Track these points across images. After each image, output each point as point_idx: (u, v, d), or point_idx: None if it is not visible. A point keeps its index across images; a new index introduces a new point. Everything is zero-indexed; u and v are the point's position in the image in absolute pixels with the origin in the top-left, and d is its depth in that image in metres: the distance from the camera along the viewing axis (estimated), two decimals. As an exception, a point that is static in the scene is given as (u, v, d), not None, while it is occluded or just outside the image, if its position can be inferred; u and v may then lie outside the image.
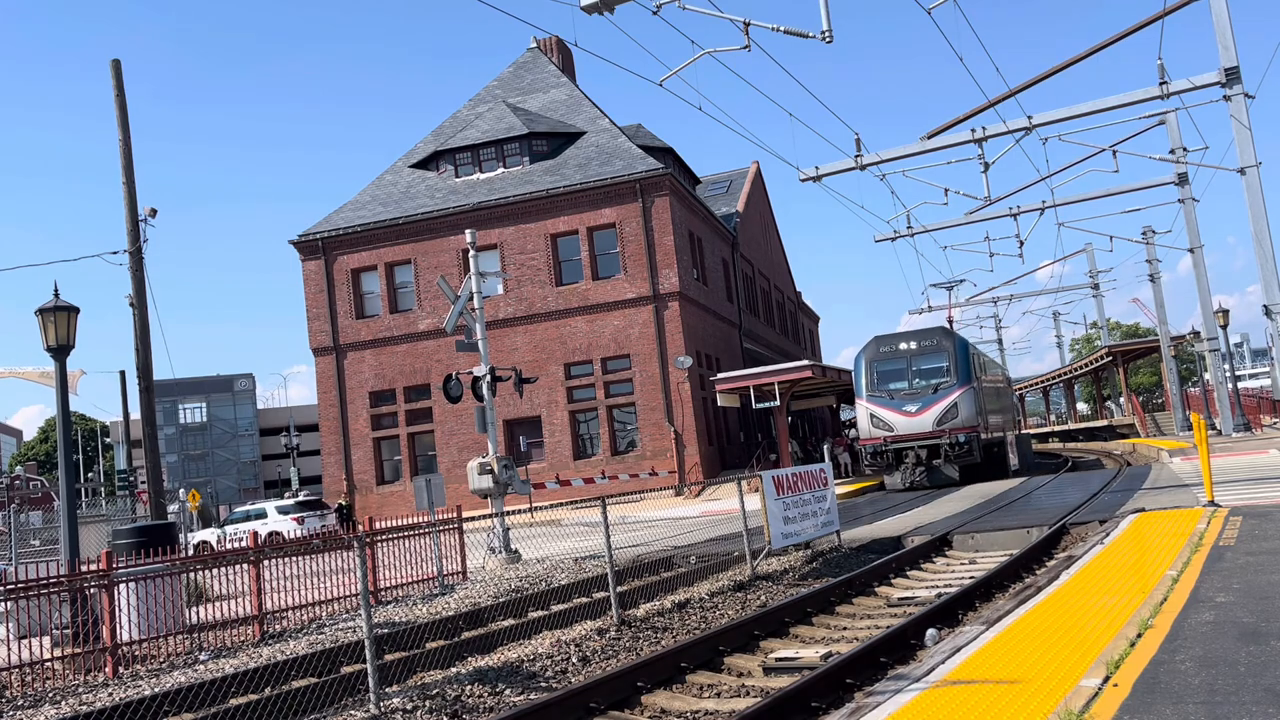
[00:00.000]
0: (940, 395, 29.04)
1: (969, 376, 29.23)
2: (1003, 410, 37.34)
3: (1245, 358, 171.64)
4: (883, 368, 30.11)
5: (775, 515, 14.82)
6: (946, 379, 29.16)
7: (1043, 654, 6.67)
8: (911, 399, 29.22)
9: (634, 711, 8.25)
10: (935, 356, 29.60)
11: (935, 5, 18.90)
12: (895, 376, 29.87)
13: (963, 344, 30.34)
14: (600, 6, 14.21)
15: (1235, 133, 25.56)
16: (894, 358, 30.09)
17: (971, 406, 28.99)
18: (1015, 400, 46.24)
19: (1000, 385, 38.47)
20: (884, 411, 29.51)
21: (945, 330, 31.54)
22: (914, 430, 28.96)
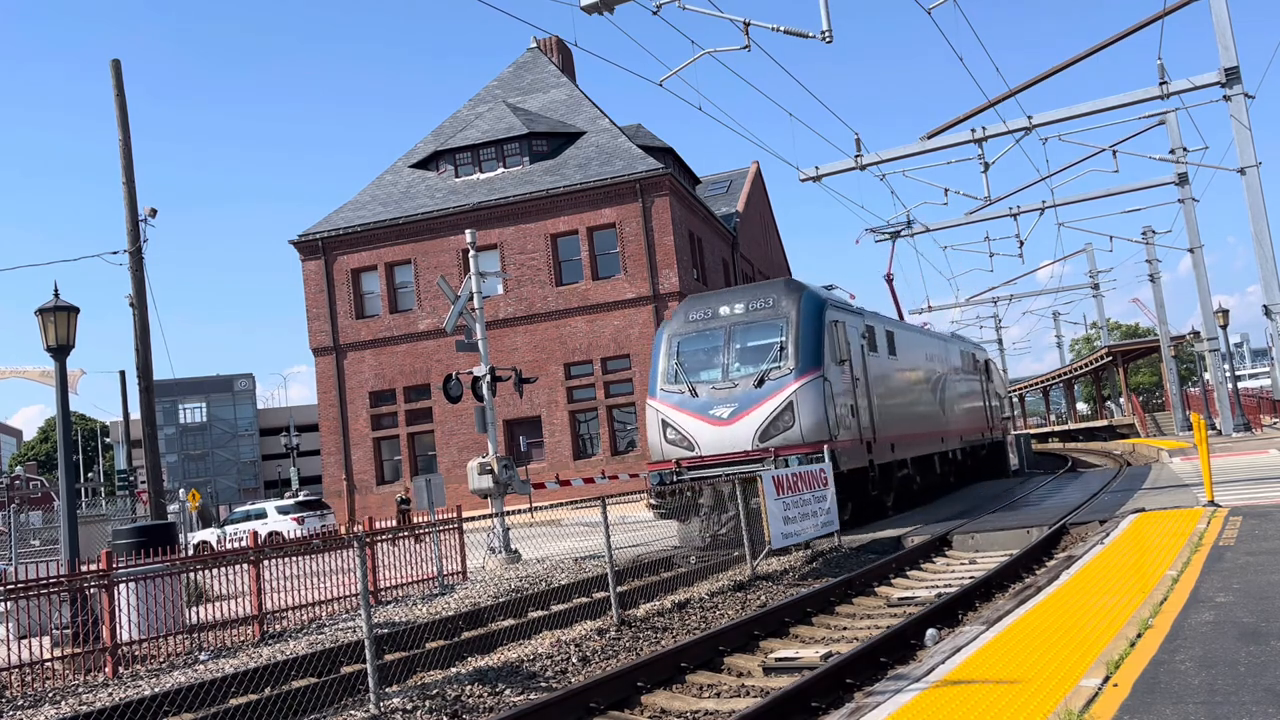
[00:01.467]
0: (767, 390, 18.12)
1: (818, 358, 18.38)
2: (947, 407, 27.49)
3: (1245, 358, 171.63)
4: (691, 346, 19.34)
5: (775, 515, 14.82)
6: (778, 365, 18.30)
7: (1043, 654, 6.67)
8: (725, 397, 18.46)
9: (634, 711, 8.25)
10: (766, 327, 18.87)
11: (935, 5, 18.90)
12: (707, 360, 19.08)
13: (813, 304, 19.07)
14: (600, 6, 14.21)
15: (1235, 133, 25.55)
16: (708, 330, 19.31)
17: (820, 407, 17.97)
18: (993, 394, 35.24)
19: (952, 373, 29.01)
20: (683, 417, 18.54)
21: (789, 285, 19.75)
22: (723, 448, 18.13)
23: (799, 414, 17.84)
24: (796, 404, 17.87)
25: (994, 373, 37.69)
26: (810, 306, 19.03)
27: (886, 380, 22.29)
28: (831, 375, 18.68)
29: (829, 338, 18.83)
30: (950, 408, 28.00)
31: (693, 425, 18.50)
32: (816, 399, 18.03)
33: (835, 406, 18.46)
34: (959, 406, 29.34)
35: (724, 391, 18.46)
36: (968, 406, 30.70)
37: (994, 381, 36.72)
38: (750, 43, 16.24)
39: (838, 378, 18.96)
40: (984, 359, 35.36)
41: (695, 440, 18.41)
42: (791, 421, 17.82)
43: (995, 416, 35.53)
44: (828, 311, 19.16)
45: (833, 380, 18.68)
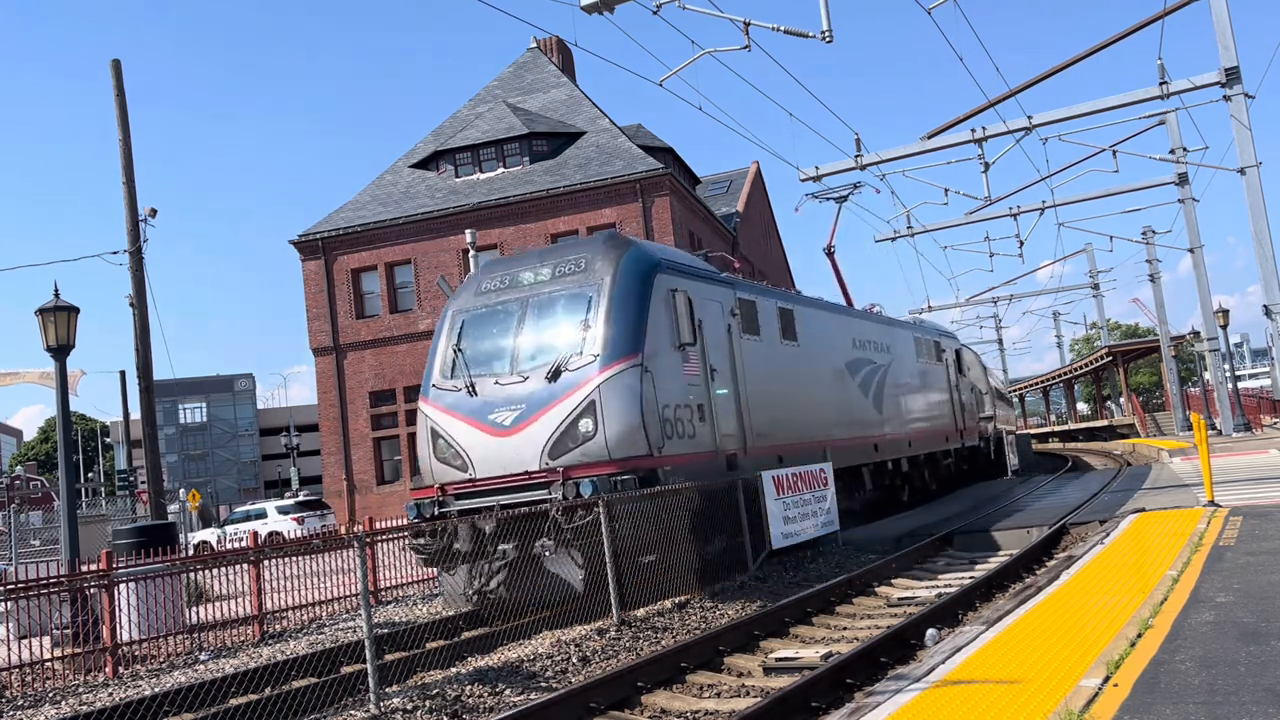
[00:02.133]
0: (562, 387, 13.10)
1: (636, 339, 13.27)
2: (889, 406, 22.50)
3: (1245, 358, 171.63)
4: (478, 327, 14.36)
5: (775, 515, 14.82)
6: (580, 350, 13.25)
7: (1043, 654, 6.67)
8: (510, 397, 13.39)
9: (634, 711, 8.25)
10: (572, 299, 13.80)
11: (935, 5, 18.89)
12: (495, 346, 14.07)
13: (637, 266, 13.95)
14: (600, 6, 14.20)
15: (1235, 133, 25.54)
16: (501, 304, 14.31)
17: (634, 407, 12.90)
18: (966, 390, 30.28)
19: (899, 365, 24.08)
20: (457, 425, 13.68)
21: (611, 241, 14.48)
22: (503, 467, 13.17)
23: (603, 418, 12.67)
24: (600, 404, 12.69)
25: (968, 364, 32.33)
26: (634, 268, 13.75)
27: (776, 372, 17.11)
28: (661, 363, 13.40)
29: (661, 312, 13.69)
30: (894, 408, 22.94)
31: (467, 436, 13.43)
32: (629, 397, 12.76)
33: (667, 407, 13.33)
34: (910, 406, 24.34)
35: (510, 389, 13.32)
36: (926, 406, 25.88)
37: (968, 374, 31.53)
38: (750, 43, 16.24)
39: (673, 367, 13.72)
40: (953, 348, 30.11)
41: (469, 456, 13.33)
42: (593, 429, 12.67)
43: (969, 416, 30.18)
44: (661, 277, 13.99)
45: (662, 370, 13.40)
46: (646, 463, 12.86)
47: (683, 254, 16.55)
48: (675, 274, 14.58)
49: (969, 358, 33.59)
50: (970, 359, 33.68)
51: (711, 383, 14.70)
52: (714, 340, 15.05)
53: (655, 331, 13.56)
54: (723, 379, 15.12)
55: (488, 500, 12.87)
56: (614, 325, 13.24)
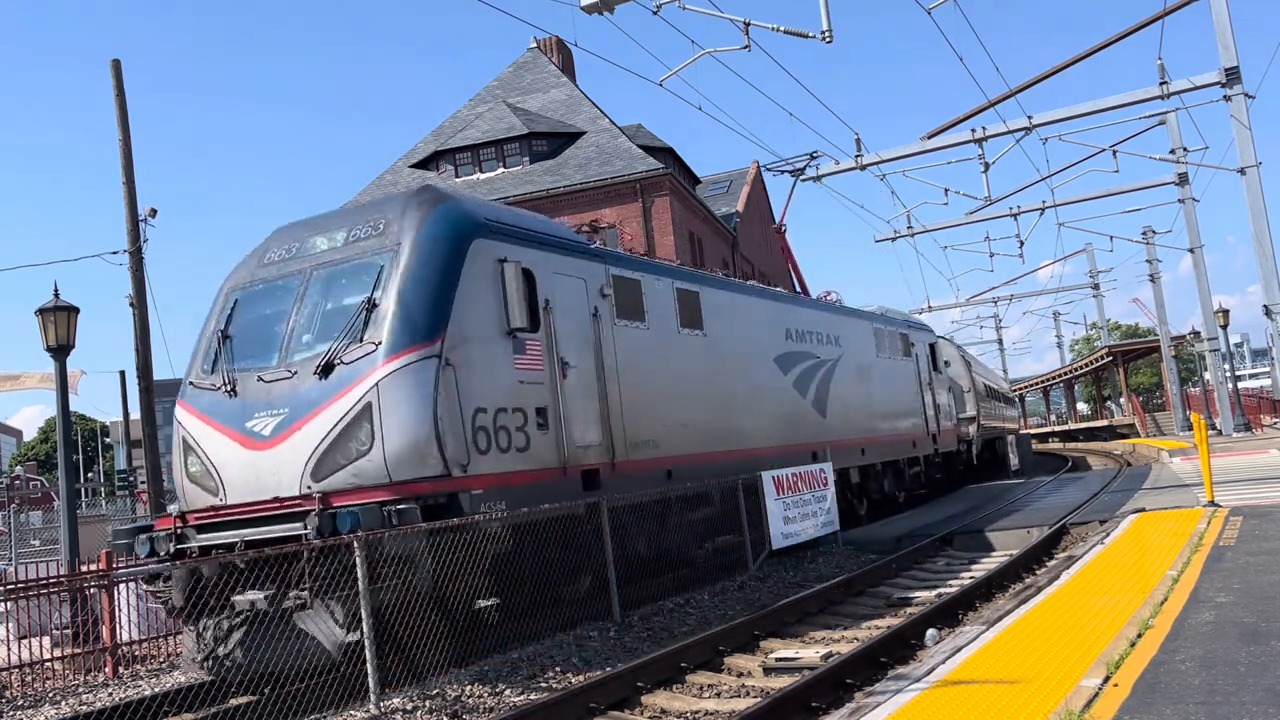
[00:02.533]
0: (334, 385, 10.15)
1: (434, 324, 10.29)
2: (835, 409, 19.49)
3: (1245, 358, 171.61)
4: (252, 309, 11.53)
5: (775, 515, 14.82)
6: (359, 339, 10.26)
7: (1043, 654, 6.67)
8: (273, 398, 10.50)
9: (634, 711, 8.25)
10: (360, 270, 10.84)
11: (935, 5, 18.90)
12: (266, 332, 11.16)
13: (446, 228, 10.93)
14: (600, 6, 14.21)
15: (1235, 133, 25.54)
16: (283, 279, 11.45)
17: (427, 412, 9.92)
18: (942, 388, 27.43)
19: (850, 361, 20.91)
20: (211, 435, 10.77)
21: (420, 196, 11.44)
22: (260, 491, 10.16)
23: (381, 426, 9.74)
24: (378, 407, 9.78)
25: (947, 360, 29.48)
26: (441, 230, 10.68)
27: (670, 368, 14.17)
28: (474, 354, 10.42)
29: (480, 287, 10.73)
30: (843, 409, 19.85)
31: (220, 449, 10.54)
32: (418, 397, 9.78)
33: (482, 411, 10.31)
34: (866, 407, 21.30)
35: (275, 387, 10.39)
36: (888, 407, 22.80)
37: (945, 371, 28.60)
38: (750, 43, 16.25)
39: (496, 359, 10.72)
40: (926, 342, 26.96)
41: (220, 476, 10.48)
42: (368, 442, 9.75)
43: (946, 418, 27.25)
44: (481, 243, 10.95)
45: (477, 363, 10.43)
46: (442, 485, 9.75)
47: (529, 215, 13.05)
48: (506, 239, 11.43)
49: (949, 352, 31.12)
50: (951, 353, 31.10)
51: (563, 380, 11.67)
52: (570, 326, 12.09)
53: (467, 312, 10.48)
54: (582, 375, 12.13)
55: (232, 534, 9.77)
56: (404, 304, 10.15)
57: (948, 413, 27.63)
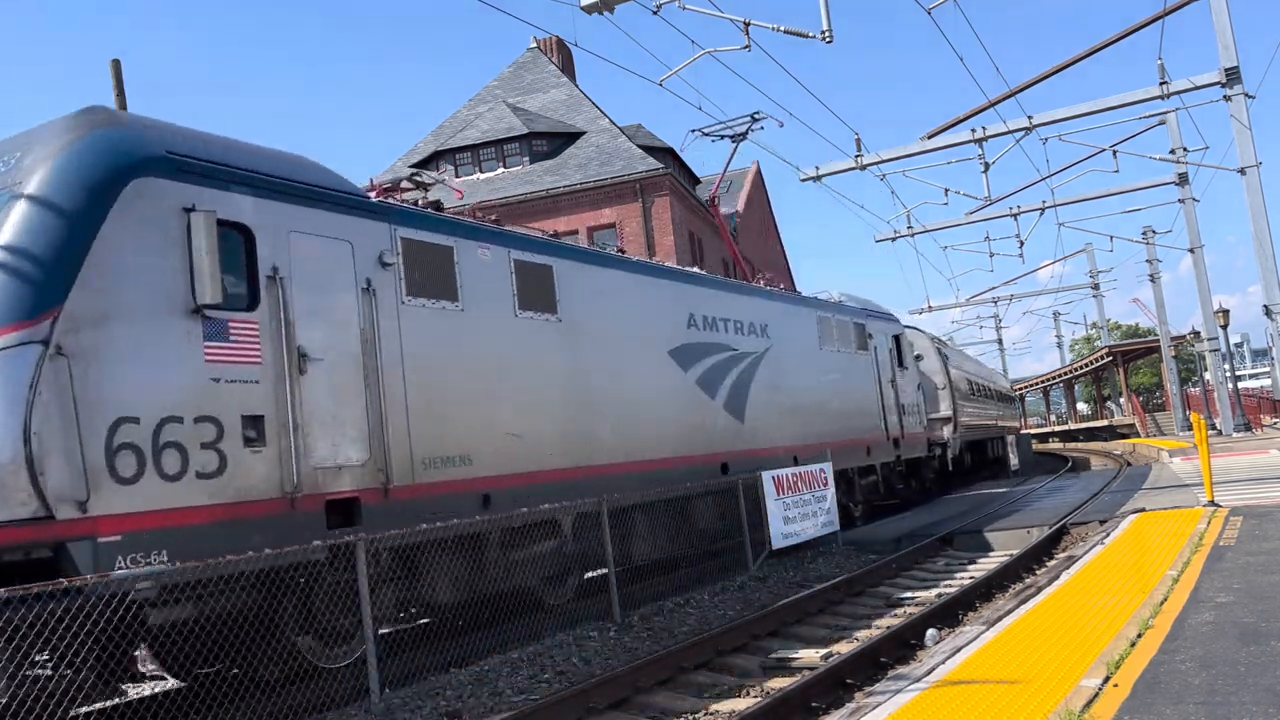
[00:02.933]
0: None
1: (50, 287, 7.47)
2: (758, 412, 16.63)
3: (1245, 358, 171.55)
4: None
5: (775, 515, 14.83)
6: None
7: (1043, 654, 6.67)
8: None
9: (634, 711, 8.25)
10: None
11: (935, 5, 18.90)
12: None
13: (102, 154, 7.97)
14: (600, 6, 14.21)
15: (1235, 133, 25.55)
16: None
17: (15, 418, 7.02)
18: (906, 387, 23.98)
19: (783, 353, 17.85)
20: None
21: (79, 115, 8.23)
22: None
23: None
24: None
25: (915, 353, 26.30)
26: (81, 164, 7.96)
27: (495, 362, 11.36)
28: (121, 337, 7.80)
29: (138, 244, 8.03)
30: (769, 412, 16.91)
31: None
32: (5, 402, 7.18)
33: (130, 422, 7.69)
34: (803, 409, 18.08)
35: None
36: (834, 408, 19.50)
37: (913, 367, 25.05)
38: (750, 43, 16.25)
39: (166, 345, 8.06)
40: (888, 333, 23.47)
41: None
42: None
43: (912, 419, 23.84)
44: (149, 182, 8.19)
45: (127, 350, 7.83)
46: (36, 532, 7.14)
47: (256, 150, 9.51)
48: (202, 180, 8.53)
49: (921, 344, 27.90)
50: (923, 346, 28.00)
51: (298, 376, 8.90)
52: (319, 303, 9.30)
53: (112, 280, 7.79)
54: (334, 370, 9.31)
55: None
56: (5, 265, 7.56)
57: (915, 413, 23.96)
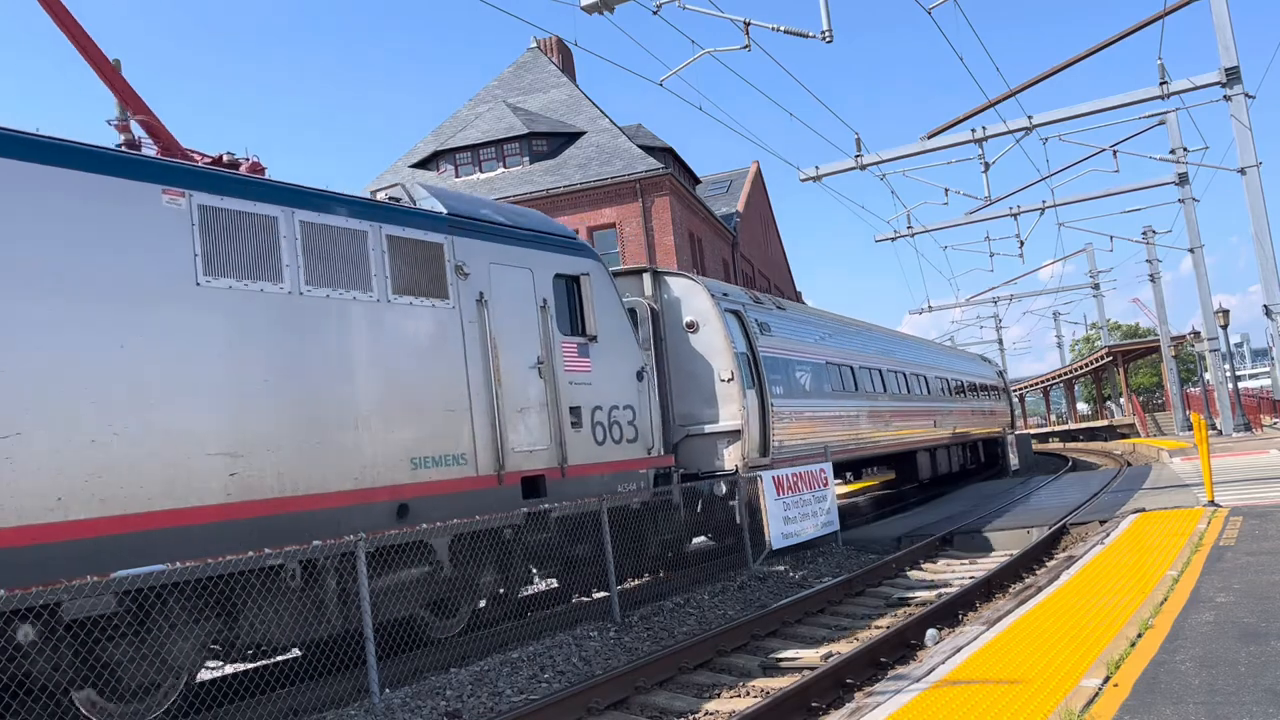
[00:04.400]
0: None
1: None
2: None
3: (1246, 358, 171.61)
4: None
5: (775, 515, 14.82)
6: None
7: (1043, 654, 6.67)
8: None
9: (634, 711, 8.25)
10: None
11: (935, 5, 18.89)
12: None
13: None
14: (600, 6, 14.20)
15: (1235, 133, 25.54)
16: None
17: None
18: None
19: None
20: None
21: None
22: None
23: None
24: None
25: (619, 312, 13.51)
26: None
27: None
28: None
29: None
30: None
31: None
32: None
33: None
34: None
35: None
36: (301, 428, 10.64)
37: (627, 338, 13.55)
38: (750, 43, 16.24)
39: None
40: (551, 270, 12.33)
41: None
42: None
43: (598, 434, 12.61)
44: None
45: None
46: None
47: None
48: None
49: (695, 303, 15.64)
50: (697, 305, 15.63)
51: None
52: None
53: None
54: None
55: None
56: None
57: (624, 424, 13.02)
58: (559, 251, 12.54)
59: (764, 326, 17.28)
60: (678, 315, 15.61)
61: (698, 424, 15.30)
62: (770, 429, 16.09)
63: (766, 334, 17.21)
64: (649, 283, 15.75)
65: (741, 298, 17.36)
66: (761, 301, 18.35)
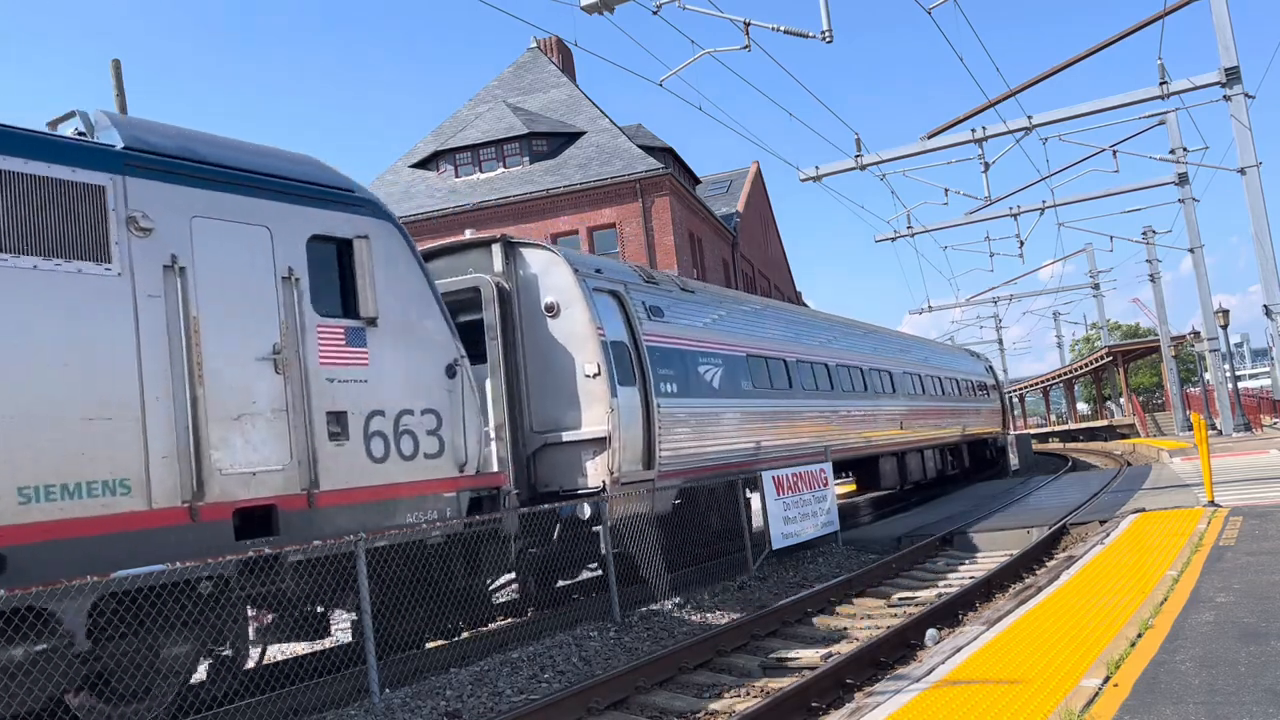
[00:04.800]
0: None
1: None
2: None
3: (1246, 358, 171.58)
4: None
5: (775, 515, 14.83)
6: None
7: (1043, 654, 6.67)
8: None
9: (634, 711, 8.25)
10: None
11: (935, 5, 18.89)
12: None
13: None
14: (600, 6, 14.20)
15: (1235, 133, 25.54)
16: None
17: None
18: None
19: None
20: None
21: None
22: None
23: None
24: None
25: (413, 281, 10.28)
26: None
27: None
28: None
29: None
30: None
31: None
32: None
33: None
34: None
35: None
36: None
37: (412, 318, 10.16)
38: (750, 43, 16.24)
39: None
40: (302, 233, 9.27)
41: None
42: None
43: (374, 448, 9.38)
44: None
45: None
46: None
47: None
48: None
49: (555, 278, 12.98)
50: (557, 280, 12.94)
51: None
52: None
53: None
54: None
55: None
56: None
57: (434, 431, 10.02)
58: (318, 205, 9.37)
59: (654, 311, 14.37)
60: (535, 295, 12.84)
61: (557, 430, 12.55)
62: (656, 435, 13.19)
63: (657, 320, 14.32)
64: (499, 256, 12.98)
65: (624, 275, 14.41)
66: (656, 281, 15.28)
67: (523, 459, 12.38)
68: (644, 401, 13.15)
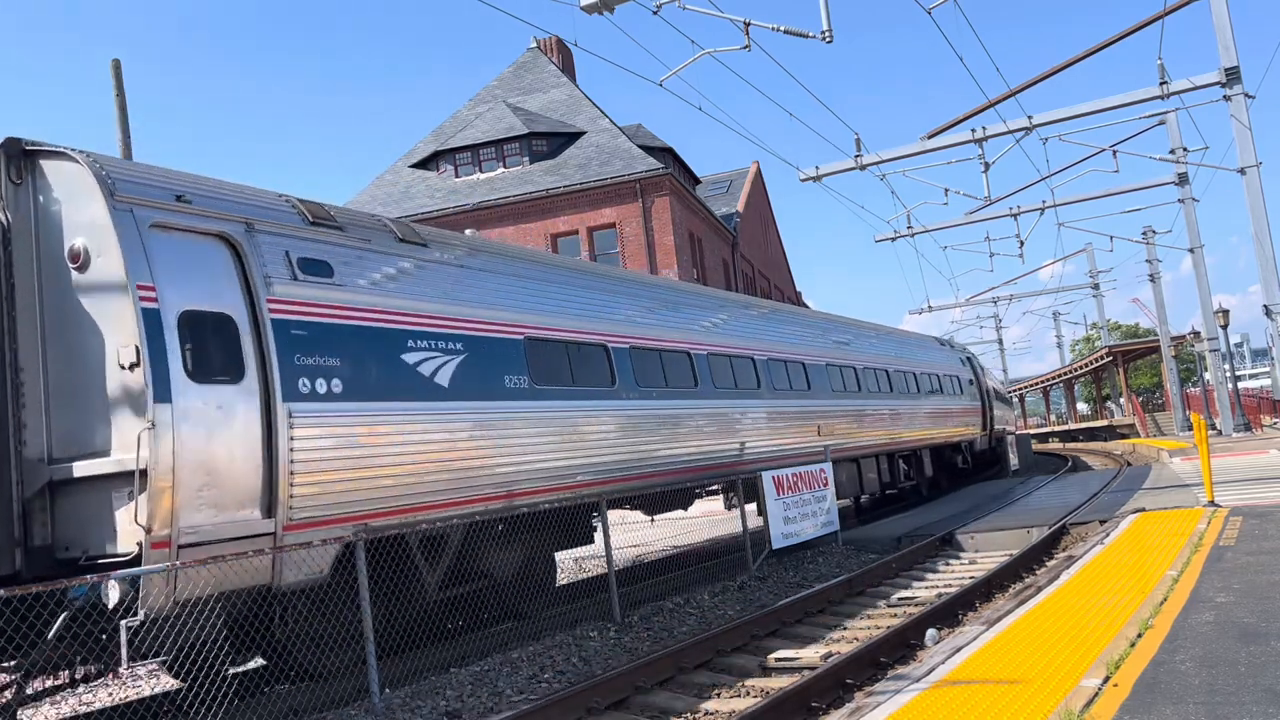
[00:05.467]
0: None
1: None
2: None
3: (1246, 358, 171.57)
4: None
5: (775, 515, 14.83)
6: None
7: (1043, 654, 6.67)
8: None
9: (634, 711, 8.25)
10: None
11: (935, 5, 18.89)
12: None
13: None
14: (600, 6, 14.20)
15: (1235, 133, 25.54)
16: None
17: None
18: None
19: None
20: None
21: None
22: None
23: None
24: None
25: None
26: None
27: None
28: None
29: None
30: None
31: None
32: None
33: None
34: None
35: None
36: None
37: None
38: (750, 43, 16.24)
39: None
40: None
41: None
42: None
43: None
44: None
45: None
46: None
47: None
48: None
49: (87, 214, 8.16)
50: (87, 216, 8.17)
51: None
52: None
53: None
54: None
55: None
56: None
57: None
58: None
59: (312, 267, 9.40)
60: (58, 236, 8.30)
61: (70, 459, 8.12)
62: (285, 463, 8.53)
63: (317, 281, 9.36)
64: (3, 168, 8.39)
65: (252, 208, 9.22)
66: (336, 224, 10.14)
67: (17, 503, 7.93)
68: (263, 408, 8.52)
